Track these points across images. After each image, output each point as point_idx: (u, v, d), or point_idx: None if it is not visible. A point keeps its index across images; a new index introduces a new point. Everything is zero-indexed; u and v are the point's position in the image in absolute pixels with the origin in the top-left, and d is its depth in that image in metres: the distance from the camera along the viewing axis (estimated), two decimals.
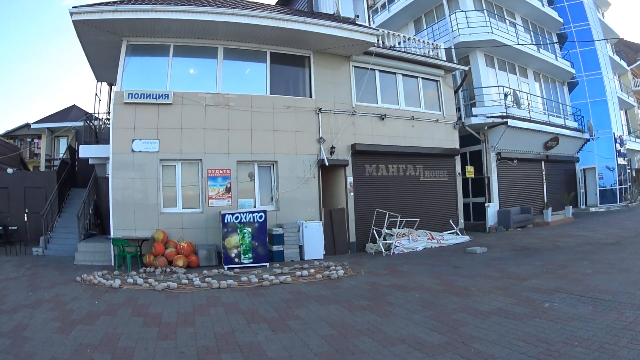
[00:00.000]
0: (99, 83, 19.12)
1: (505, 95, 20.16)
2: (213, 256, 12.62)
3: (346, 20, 15.31)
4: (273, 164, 14.40)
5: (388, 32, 18.06)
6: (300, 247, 13.44)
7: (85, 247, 13.69)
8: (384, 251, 14.21)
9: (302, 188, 14.50)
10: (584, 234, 16.07)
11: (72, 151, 21.44)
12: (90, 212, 16.59)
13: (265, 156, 14.23)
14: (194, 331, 6.24)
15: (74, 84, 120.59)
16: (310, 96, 15.22)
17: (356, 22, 15.57)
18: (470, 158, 21.05)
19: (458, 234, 16.95)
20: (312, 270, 10.97)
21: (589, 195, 29.18)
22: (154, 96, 13.15)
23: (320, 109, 15.19)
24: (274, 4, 19.56)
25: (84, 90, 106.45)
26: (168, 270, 11.49)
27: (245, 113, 13.94)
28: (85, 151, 15.58)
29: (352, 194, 15.58)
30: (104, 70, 16.18)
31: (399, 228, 15.32)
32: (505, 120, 19.47)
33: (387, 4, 26.46)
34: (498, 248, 14.05)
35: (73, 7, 11.92)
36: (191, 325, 6.54)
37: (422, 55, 18.14)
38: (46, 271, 11.75)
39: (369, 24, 17.70)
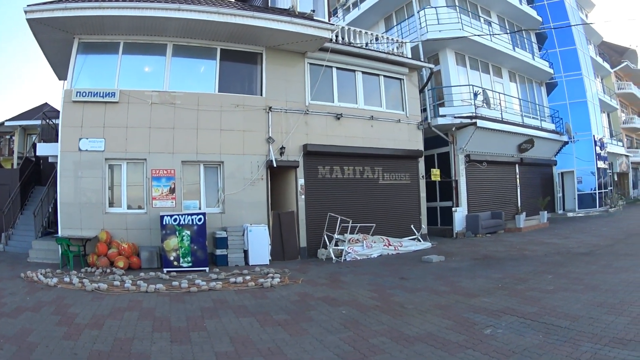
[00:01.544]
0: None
1: (475, 94, 19.16)
2: (155, 258, 12.25)
3: (300, 15, 14.52)
4: (219, 165, 13.80)
5: (348, 28, 17.19)
6: (245, 252, 12.86)
7: (39, 244, 13.77)
8: (334, 258, 13.42)
9: (249, 190, 13.90)
10: (556, 241, 15.30)
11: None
12: (50, 210, 16.76)
13: (212, 156, 13.67)
14: (98, 334, 6.14)
15: (47, 82, 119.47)
16: (261, 94, 14.60)
17: (312, 17, 14.73)
18: (439, 160, 20.07)
19: (420, 240, 16.08)
20: (248, 277, 10.44)
21: (567, 200, 28.28)
22: (101, 94, 12.92)
23: (270, 108, 14.50)
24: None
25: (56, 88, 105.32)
26: (108, 270, 11.27)
27: (191, 112, 13.45)
28: (43, 149, 15.13)
29: (303, 196, 14.86)
30: (64, 69, 15.50)
31: (353, 233, 14.52)
32: (474, 120, 18.52)
33: (358, 2, 25.41)
34: (458, 256, 13.20)
35: (27, 6, 11.82)
36: (98, 328, 6.42)
37: (384, 52, 17.19)
38: None
39: (328, 20, 16.95)
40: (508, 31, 24.82)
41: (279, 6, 16.03)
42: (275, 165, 14.07)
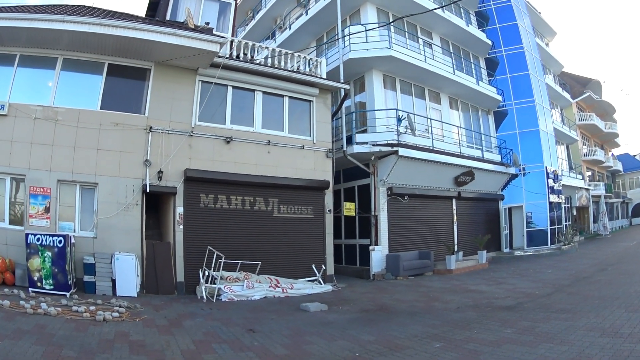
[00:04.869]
0: None
1: (399, 119, 17.00)
2: (26, 277, 11.41)
3: (191, 29, 13.07)
4: (95, 186, 12.72)
5: (250, 44, 15.45)
6: (114, 281, 11.92)
7: None
8: (204, 296, 12.11)
9: (122, 215, 12.69)
10: (484, 288, 13.40)
11: None
12: None
13: (87, 177, 12.64)
14: None
15: None
16: (144, 113, 13.31)
17: (205, 31, 13.08)
18: (359, 193, 17.99)
19: (320, 283, 14.21)
20: (93, 308, 9.46)
21: (516, 237, 26.05)
22: None
23: (151, 128, 13.11)
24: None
25: None
26: None
27: (71, 129, 12.56)
28: None
29: (181, 227, 13.31)
30: None
31: (235, 271, 13.13)
32: (395, 149, 16.35)
33: (289, 23, 23.47)
34: (348, 305, 11.35)
35: None
36: None
37: (287, 70, 15.23)
38: None
39: (232, 35, 15.61)
40: (452, 54, 22.93)
41: (180, 20, 14.66)
42: (148, 191, 12.75)
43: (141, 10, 55.44)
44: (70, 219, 12.67)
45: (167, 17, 15.08)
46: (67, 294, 11.09)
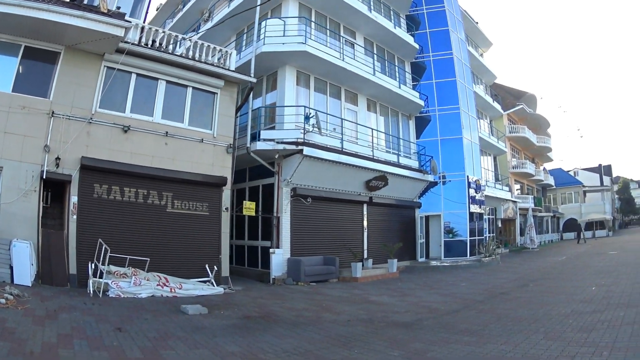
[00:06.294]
0: None
1: (307, 117, 17.66)
2: None
3: (105, 13, 13.19)
4: (0, 170, 12.72)
5: (161, 31, 15.75)
6: (12, 268, 11.93)
7: None
8: (91, 291, 12.16)
9: (22, 202, 12.75)
10: (386, 300, 13.49)
11: None
12: None
13: None
14: None
15: None
16: (49, 97, 13.49)
17: (113, 15, 13.27)
18: (264, 193, 18.63)
19: (213, 284, 14.59)
20: None
21: (433, 247, 27.36)
22: None
23: (53, 113, 13.30)
24: None
25: None
26: None
27: None
28: None
29: (74, 217, 13.39)
30: None
31: (124, 266, 13.29)
32: (300, 148, 17.02)
33: (212, 15, 23.88)
34: (230, 311, 11.31)
35: None
36: None
37: (193, 59, 15.65)
38: None
39: (144, 22, 16.17)
40: (375, 55, 23.95)
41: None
42: (45, 177, 12.94)
43: None
44: None
45: (85, 1, 15.14)
46: None
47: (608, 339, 7.28)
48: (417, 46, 26.83)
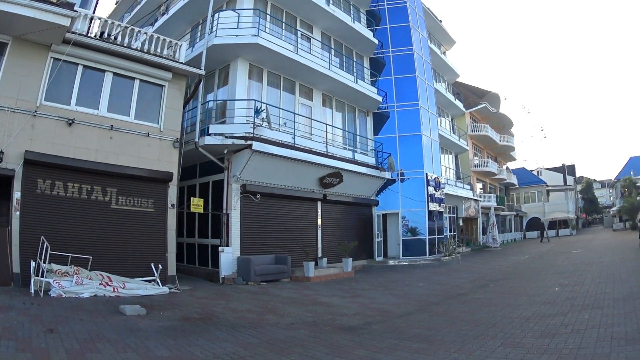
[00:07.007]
0: None
1: (257, 111, 17.86)
2: None
3: (53, 3, 13.17)
4: None
5: (110, 21, 15.76)
6: None
7: None
8: (34, 291, 12.02)
9: None
10: (336, 301, 13.31)
11: None
12: None
13: None
14: None
15: None
16: None
17: (64, 5, 13.29)
18: (213, 190, 18.81)
19: (158, 283, 14.65)
20: None
21: (391, 245, 27.94)
22: None
23: None
24: None
25: None
26: None
27: None
28: None
29: (17, 213, 13.27)
30: None
31: (67, 265, 13.25)
32: (249, 142, 17.24)
33: (169, 8, 23.88)
34: (170, 312, 11.26)
35: None
36: None
37: (140, 50, 15.79)
38: None
39: (93, 12, 16.27)
40: (332, 50, 24.29)
41: None
42: None
43: None
44: None
45: None
46: None
47: (572, 345, 7.11)
48: (376, 41, 27.42)
